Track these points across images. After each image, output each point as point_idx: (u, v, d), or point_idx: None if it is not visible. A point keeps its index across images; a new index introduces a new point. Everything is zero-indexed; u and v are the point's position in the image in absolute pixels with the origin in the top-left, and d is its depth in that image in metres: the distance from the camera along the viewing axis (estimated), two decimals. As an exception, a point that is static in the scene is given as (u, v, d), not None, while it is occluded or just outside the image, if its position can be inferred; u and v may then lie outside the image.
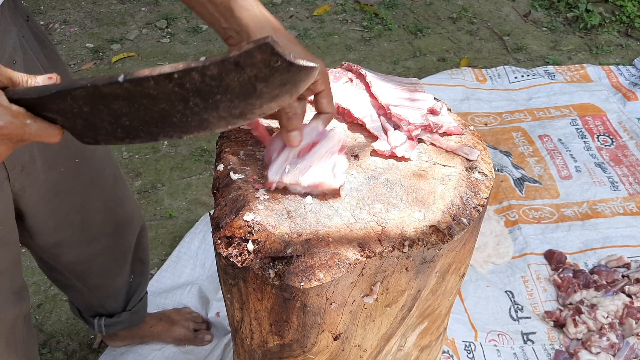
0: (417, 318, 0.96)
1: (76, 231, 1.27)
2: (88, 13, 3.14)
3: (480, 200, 0.84)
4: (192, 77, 0.63)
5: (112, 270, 1.44)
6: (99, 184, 1.26)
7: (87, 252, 1.33)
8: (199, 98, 0.65)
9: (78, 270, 1.38)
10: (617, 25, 3.10)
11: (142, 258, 1.53)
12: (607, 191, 2.21)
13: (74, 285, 1.45)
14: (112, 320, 1.57)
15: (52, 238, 1.22)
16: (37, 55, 1.04)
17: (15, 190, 1.03)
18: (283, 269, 0.75)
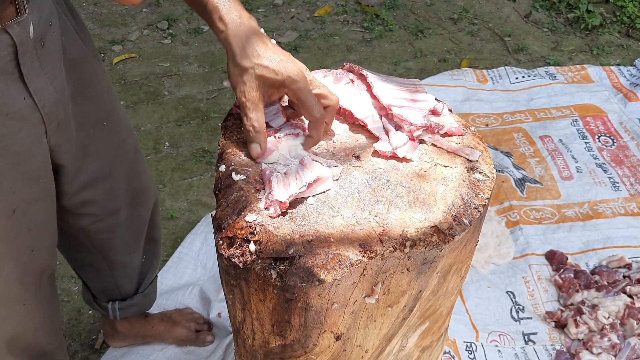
0: (418, 318, 0.97)
1: (104, 196, 1.30)
2: (89, 14, 3.14)
3: (482, 200, 0.85)
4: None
5: (130, 245, 1.47)
6: (123, 152, 1.31)
7: (112, 222, 1.36)
8: None
9: (101, 241, 1.40)
10: (617, 25, 3.10)
11: (154, 236, 1.55)
12: (608, 192, 2.21)
13: (95, 263, 1.46)
14: (126, 304, 1.58)
15: (78, 198, 1.24)
16: (69, 19, 1.09)
17: (52, 145, 1.07)
18: (285, 269, 0.75)
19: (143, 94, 2.66)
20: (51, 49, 1.01)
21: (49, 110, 1.01)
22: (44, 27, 0.98)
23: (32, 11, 0.93)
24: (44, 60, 0.98)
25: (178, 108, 2.59)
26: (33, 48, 0.94)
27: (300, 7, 3.24)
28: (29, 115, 0.98)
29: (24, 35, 0.91)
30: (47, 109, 1.00)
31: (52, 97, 1.01)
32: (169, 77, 2.76)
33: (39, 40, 0.96)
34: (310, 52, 2.91)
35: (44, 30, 0.98)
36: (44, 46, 0.98)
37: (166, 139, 2.44)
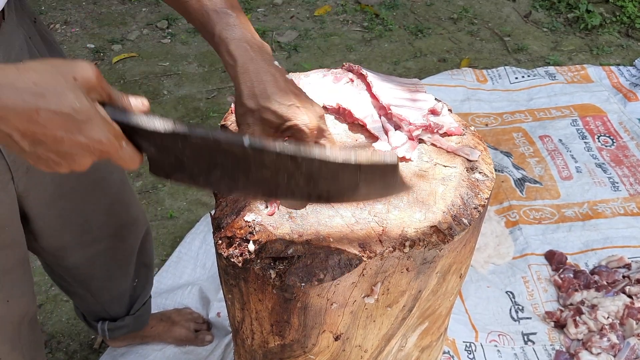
0: (417, 318, 0.96)
1: (78, 233, 1.27)
2: (89, 13, 3.14)
3: (481, 200, 0.84)
4: (313, 164, 0.65)
5: (114, 274, 1.45)
6: (103, 187, 1.26)
7: (89, 253, 1.33)
8: (304, 179, 0.67)
9: (80, 274, 1.38)
10: (617, 25, 3.10)
11: (146, 262, 1.53)
12: (607, 192, 2.21)
13: (77, 292, 1.46)
14: (116, 324, 1.57)
15: (56, 241, 1.22)
16: (44, 56, 1.03)
17: (19, 191, 1.03)
18: (284, 269, 0.75)
19: (142, 93, 2.66)
20: None
21: (14, 158, 0.95)
22: None
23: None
24: None
25: (177, 107, 2.59)
26: None
27: (300, 7, 3.24)
28: None
29: None
30: (13, 156, 0.95)
31: None
32: (169, 76, 2.76)
33: None
34: (309, 52, 2.91)
35: None
36: None
37: (165, 138, 2.44)
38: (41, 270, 1.55)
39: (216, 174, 0.68)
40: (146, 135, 0.66)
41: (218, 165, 0.67)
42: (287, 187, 0.68)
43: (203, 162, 0.67)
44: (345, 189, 0.68)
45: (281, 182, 0.67)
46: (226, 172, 0.68)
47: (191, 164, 0.68)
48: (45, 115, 0.57)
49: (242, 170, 0.67)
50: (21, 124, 0.57)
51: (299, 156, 0.65)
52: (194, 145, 0.66)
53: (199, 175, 0.69)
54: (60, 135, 0.59)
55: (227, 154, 0.66)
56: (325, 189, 0.68)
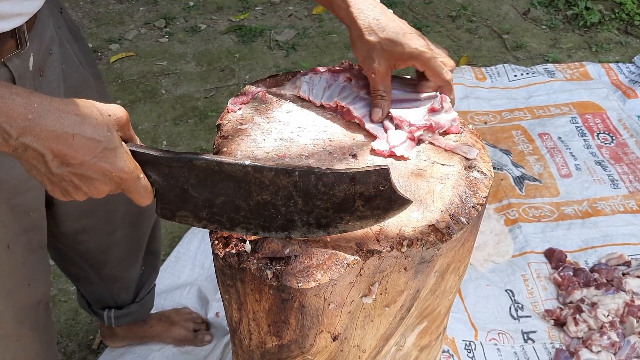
0: (416, 318, 0.96)
1: (101, 220, 1.30)
2: (86, 13, 3.13)
3: (479, 199, 0.84)
4: (309, 179, 0.70)
5: (127, 261, 1.46)
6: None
7: (108, 241, 1.36)
8: (302, 199, 0.71)
9: (95, 259, 1.39)
10: (616, 22, 3.10)
11: (154, 250, 1.55)
12: (607, 189, 2.21)
13: (88, 277, 1.46)
14: (122, 312, 1.58)
15: (77, 225, 1.25)
16: (71, 46, 1.07)
17: None
18: (281, 269, 0.75)
19: (140, 92, 2.65)
20: (50, 78, 0.98)
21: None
22: (43, 56, 0.95)
23: (32, 42, 0.90)
24: (42, 90, 0.95)
25: (175, 107, 2.58)
26: (31, 79, 0.92)
27: (298, 5, 3.23)
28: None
29: (23, 68, 0.89)
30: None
31: None
32: (167, 75, 2.75)
33: (38, 70, 0.94)
34: (308, 50, 2.90)
35: (43, 59, 0.95)
36: (43, 76, 0.95)
37: (164, 137, 2.43)
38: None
39: (219, 204, 0.72)
40: (155, 165, 0.71)
41: (220, 193, 0.71)
42: (287, 214, 0.71)
43: (206, 190, 0.71)
44: (342, 207, 0.71)
45: (281, 207, 0.71)
46: (228, 200, 0.72)
47: (195, 194, 0.72)
48: (79, 140, 0.66)
49: (243, 194, 0.71)
50: (57, 145, 0.65)
51: (295, 170, 0.69)
52: (198, 170, 0.70)
53: (202, 209, 0.73)
54: (88, 160, 0.67)
55: (230, 178, 0.70)
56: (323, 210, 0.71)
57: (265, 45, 2.93)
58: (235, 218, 0.73)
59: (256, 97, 0.99)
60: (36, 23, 0.91)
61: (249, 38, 2.97)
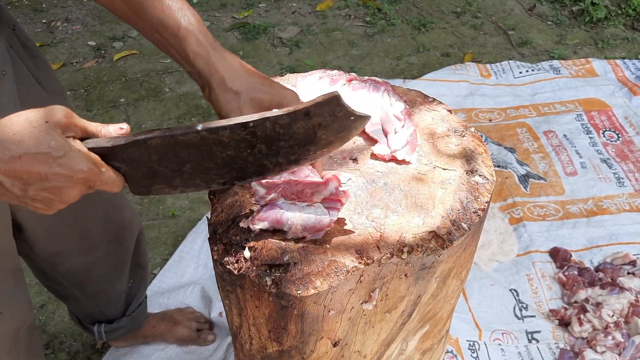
0: (418, 322, 0.95)
1: (76, 240, 1.27)
2: (90, 11, 3.13)
3: (481, 204, 0.83)
4: (265, 126, 0.70)
5: (111, 277, 1.44)
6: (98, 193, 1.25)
7: (87, 260, 1.33)
8: (264, 144, 0.72)
9: (77, 278, 1.37)
10: (623, 18, 3.06)
11: (141, 263, 1.53)
12: (612, 187, 2.19)
13: (73, 295, 1.45)
14: (112, 326, 1.56)
15: (51, 247, 1.22)
16: (26, 64, 1.02)
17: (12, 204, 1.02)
18: (280, 276, 0.74)
19: (144, 91, 2.65)
20: (4, 100, 0.94)
21: None
22: None
23: None
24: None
25: (179, 105, 2.58)
26: None
27: (302, 2, 3.21)
28: None
29: None
30: None
31: None
32: (170, 73, 2.75)
33: None
34: (311, 47, 2.89)
35: None
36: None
37: (167, 136, 2.43)
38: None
39: (187, 171, 0.73)
40: (115, 154, 0.71)
41: (185, 161, 0.72)
42: (255, 161, 0.73)
43: (170, 162, 0.72)
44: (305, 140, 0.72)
45: (248, 157, 0.72)
46: (195, 165, 0.72)
47: (162, 169, 0.73)
48: (27, 159, 0.65)
49: (207, 156, 0.72)
50: (8, 170, 0.65)
51: (249, 122, 0.69)
52: (155, 148, 0.71)
53: (173, 178, 0.74)
54: (44, 172, 0.66)
55: (188, 145, 0.71)
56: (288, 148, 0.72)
57: (268, 43, 2.92)
58: (208, 177, 0.74)
59: (256, 100, 0.98)
60: None
61: (252, 35, 2.96)
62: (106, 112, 2.53)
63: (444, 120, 0.96)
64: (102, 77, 2.72)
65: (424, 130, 0.94)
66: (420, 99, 1.00)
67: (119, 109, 2.54)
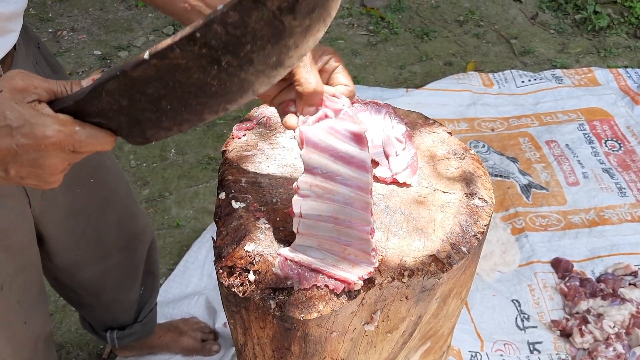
0: (419, 340, 0.97)
1: (92, 248, 1.30)
2: (95, 20, 3.16)
3: (480, 227, 0.85)
4: (215, 31, 0.59)
5: (124, 285, 1.48)
6: (112, 202, 1.30)
7: (102, 268, 1.36)
8: (229, 55, 0.61)
9: (93, 287, 1.41)
10: (625, 26, 3.08)
11: (153, 271, 1.56)
12: (614, 197, 2.20)
13: (87, 303, 1.48)
14: (124, 333, 1.59)
15: (69, 257, 1.25)
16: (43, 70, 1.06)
17: (35, 214, 1.06)
18: (284, 299, 0.76)
19: (149, 100, 2.68)
20: None
21: None
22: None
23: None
24: None
25: (184, 114, 2.60)
26: None
27: (306, 11, 3.24)
28: (12, 192, 0.95)
29: None
30: None
31: None
32: (175, 83, 2.77)
33: None
34: (315, 57, 2.91)
35: None
36: None
37: (172, 146, 2.46)
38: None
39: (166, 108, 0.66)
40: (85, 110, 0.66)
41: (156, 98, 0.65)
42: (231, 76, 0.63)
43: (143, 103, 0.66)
44: (275, 34, 0.60)
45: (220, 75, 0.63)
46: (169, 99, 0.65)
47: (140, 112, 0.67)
48: None
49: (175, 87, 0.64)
50: None
51: (194, 31, 0.59)
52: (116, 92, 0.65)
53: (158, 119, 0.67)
54: (11, 146, 0.62)
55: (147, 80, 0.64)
56: (261, 50, 0.61)
57: (272, 52, 2.95)
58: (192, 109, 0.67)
59: (260, 122, 1.00)
60: (14, 64, 0.91)
61: (256, 44, 2.98)
62: (112, 121, 2.56)
63: (444, 142, 0.98)
64: (107, 86, 2.74)
65: (424, 153, 0.95)
66: (421, 121, 1.02)
67: (124, 119, 2.57)
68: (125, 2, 3.28)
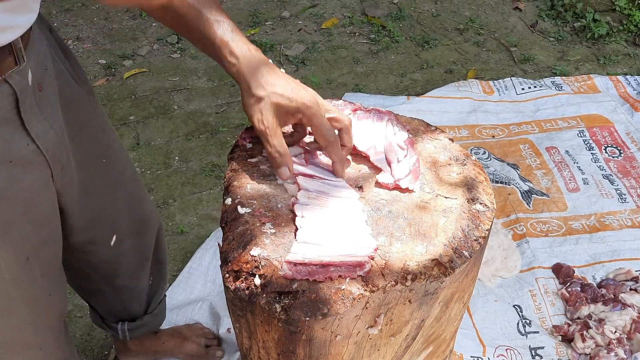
0: (422, 344, 0.98)
1: (107, 231, 1.32)
2: (100, 29, 3.19)
3: (482, 232, 0.86)
4: None
5: (136, 271, 1.49)
6: (122, 185, 1.32)
7: (115, 252, 1.37)
8: None
9: (106, 270, 1.42)
10: (624, 34, 3.10)
11: (161, 259, 1.57)
12: (615, 203, 2.22)
13: (100, 289, 1.49)
14: (135, 324, 1.60)
15: (83, 237, 1.26)
16: (62, 63, 1.10)
17: (57, 187, 1.08)
18: (289, 303, 0.78)
19: (153, 108, 2.70)
20: (48, 92, 1.01)
21: (52, 154, 1.01)
22: (41, 72, 0.98)
23: (30, 58, 0.93)
24: (42, 104, 0.98)
25: (187, 122, 2.63)
26: (32, 94, 0.95)
27: (308, 20, 3.27)
28: (34, 161, 0.98)
29: (23, 84, 0.92)
30: (50, 152, 1.01)
31: (53, 140, 1.01)
32: (179, 91, 2.80)
33: (37, 86, 0.96)
34: (317, 65, 2.94)
35: (41, 75, 0.98)
36: (42, 91, 0.98)
37: (176, 153, 2.48)
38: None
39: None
40: None
41: None
42: None
43: None
44: None
45: None
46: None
47: None
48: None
49: None
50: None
51: None
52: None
53: None
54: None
55: None
56: None
57: (275, 60, 2.97)
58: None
59: (265, 129, 1.02)
60: (31, 40, 0.95)
61: (259, 53, 3.01)
62: (116, 129, 2.58)
63: (445, 148, 1.00)
64: (112, 95, 2.77)
65: (426, 159, 0.97)
66: (423, 127, 1.04)
67: (129, 127, 2.60)
68: (130, 12, 3.31)
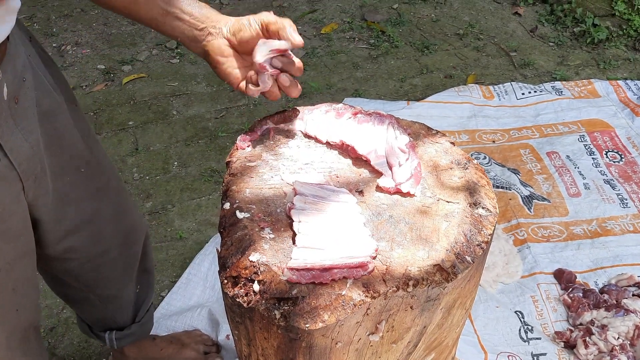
0: (424, 351, 0.97)
1: (89, 240, 1.29)
2: (99, 34, 3.19)
3: (484, 237, 0.85)
4: None
5: (121, 281, 1.47)
6: (106, 195, 1.30)
7: (99, 261, 1.36)
8: None
9: (88, 278, 1.39)
10: (624, 39, 3.10)
11: (147, 268, 1.55)
12: (616, 208, 2.20)
13: (86, 298, 1.46)
14: (123, 333, 1.58)
15: (61, 246, 1.25)
16: (43, 73, 1.08)
17: (29, 200, 1.06)
18: (288, 309, 0.76)
19: (152, 114, 2.69)
20: (25, 105, 0.98)
21: (25, 167, 1.00)
22: (18, 84, 0.96)
23: (5, 71, 0.90)
24: (18, 117, 0.96)
25: (186, 127, 2.62)
26: (7, 108, 0.93)
27: (307, 25, 3.26)
28: (6, 176, 0.96)
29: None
30: (23, 166, 0.99)
31: (27, 153, 0.99)
32: (178, 96, 2.79)
33: (13, 99, 0.94)
34: (316, 70, 2.93)
35: (17, 87, 0.96)
36: (18, 103, 0.96)
37: (175, 158, 2.47)
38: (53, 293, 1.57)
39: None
40: None
41: None
42: None
43: None
44: None
45: None
46: None
47: None
48: None
49: None
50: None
51: None
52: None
53: None
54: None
55: None
56: None
57: (274, 65, 2.97)
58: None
59: (264, 133, 1.01)
60: (7, 53, 0.93)
61: (258, 58, 3.00)
62: (115, 134, 2.57)
63: (447, 152, 0.98)
64: (111, 100, 2.76)
65: (427, 163, 0.96)
66: (424, 131, 1.03)
67: (127, 132, 2.58)
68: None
